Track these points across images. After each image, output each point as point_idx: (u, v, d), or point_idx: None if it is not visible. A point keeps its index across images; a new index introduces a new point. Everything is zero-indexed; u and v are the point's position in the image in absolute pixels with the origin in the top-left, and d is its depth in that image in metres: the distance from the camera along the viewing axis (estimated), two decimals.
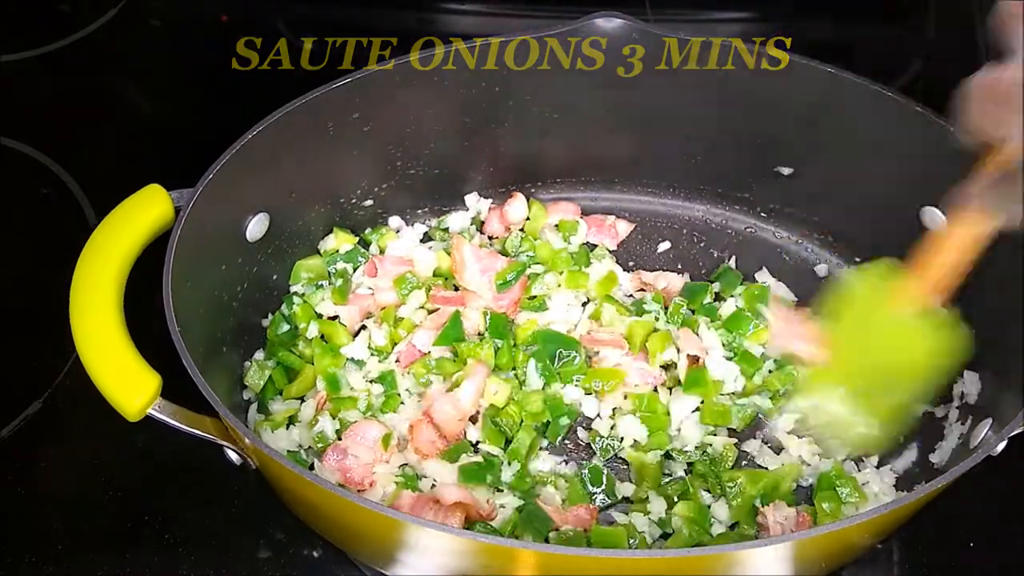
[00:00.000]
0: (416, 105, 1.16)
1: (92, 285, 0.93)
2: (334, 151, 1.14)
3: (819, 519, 1.02)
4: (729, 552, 0.82)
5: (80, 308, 0.92)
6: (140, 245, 0.98)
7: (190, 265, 0.97)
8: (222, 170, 1.02)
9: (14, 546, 1.05)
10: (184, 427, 0.92)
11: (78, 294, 0.93)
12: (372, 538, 0.92)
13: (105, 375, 0.89)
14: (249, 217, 1.09)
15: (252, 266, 1.12)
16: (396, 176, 1.22)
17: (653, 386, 1.13)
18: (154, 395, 0.89)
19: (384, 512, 0.82)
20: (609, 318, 1.16)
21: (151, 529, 1.06)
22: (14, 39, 1.52)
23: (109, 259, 0.95)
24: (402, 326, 1.16)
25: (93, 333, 0.91)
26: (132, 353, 0.90)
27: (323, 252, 1.20)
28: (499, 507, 1.03)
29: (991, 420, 0.98)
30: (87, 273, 0.94)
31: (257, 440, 0.87)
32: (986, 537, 1.05)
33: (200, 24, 1.58)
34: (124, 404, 0.89)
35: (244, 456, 0.96)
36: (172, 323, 0.91)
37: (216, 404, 0.88)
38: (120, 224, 0.98)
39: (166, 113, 1.49)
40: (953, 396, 1.08)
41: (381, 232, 1.23)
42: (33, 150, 1.37)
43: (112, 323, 0.91)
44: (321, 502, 0.89)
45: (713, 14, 1.53)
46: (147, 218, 0.99)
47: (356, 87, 1.11)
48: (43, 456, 1.11)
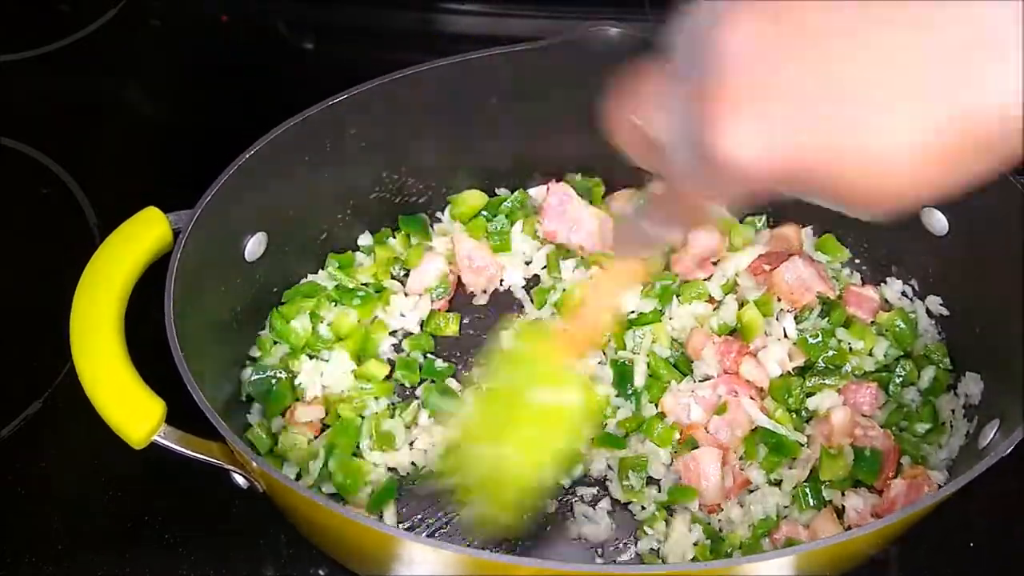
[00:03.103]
0: (413, 118, 1.16)
1: (93, 312, 0.92)
2: (332, 167, 1.14)
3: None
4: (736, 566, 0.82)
5: (81, 336, 0.91)
6: (139, 270, 0.97)
7: (190, 287, 0.97)
8: (220, 191, 1.01)
9: (14, 546, 1.05)
10: (190, 453, 0.92)
11: (79, 321, 0.92)
12: (387, 561, 0.91)
13: (109, 404, 0.88)
14: (247, 237, 1.09)
15: (251, 286, 1.12)
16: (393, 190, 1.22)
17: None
18: (159, 422, 0.89)
19: (400, 535, 0.82)
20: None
21: (151, 529, 1.06)
22: (14, 39, 1.51)
23: (109, 285, 0.94)
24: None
25: (95, 361, 0.90)
26: (135, 381, 0.90)
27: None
28: None
29: (998, 421, 0.98)
30: (87, 300, 0.93)
31: (265, 464, 0.86)
32: (986, 537, 1.05)
33: (200, 24, 1.58)
34: (129, 432, 0.88)
35: (251, 480, 0.95)
36: (176, 349, 0.91)
37: (223, 430, 0.88)
38: (118, 249, 0.97)
39: (166, 113, 1.49)
40: (959, 394, 1.09)
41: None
42: (33, 150, 1.37)
43: (114, 350, 0.90)
44: (333, 526, 0.89)
45: None
46: (146, 242, 0.98)
47: (352, 103, 1.10)
48: (43, 456, 1.11)
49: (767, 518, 1.02)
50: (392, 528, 0.83)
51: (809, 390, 1.08)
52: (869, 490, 1.04)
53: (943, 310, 1.15)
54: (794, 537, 1.00)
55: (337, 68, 1.48)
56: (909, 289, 1.18)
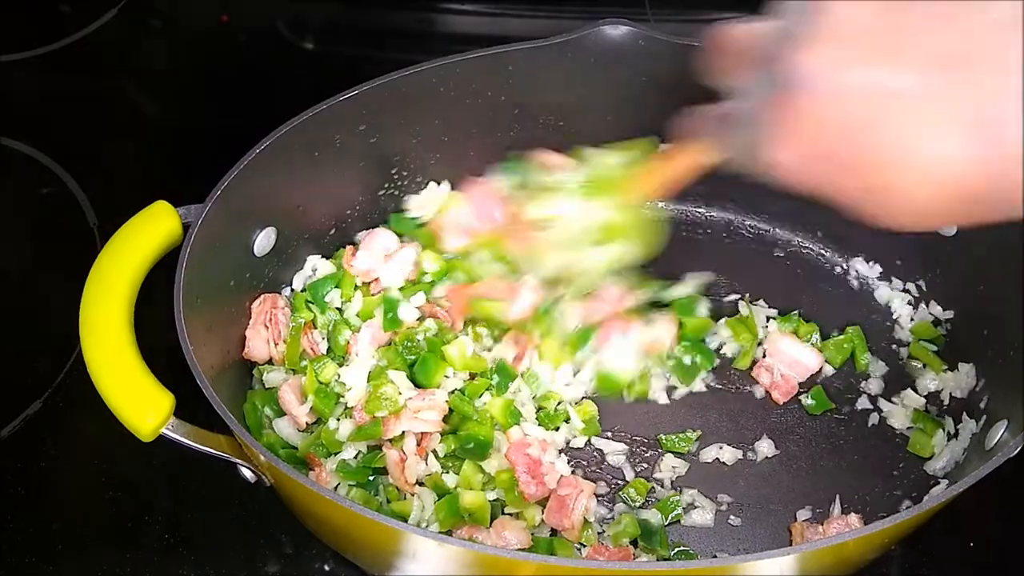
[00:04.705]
0: (421, 115, 1.16)
1: (102, 305, 0.92)
2: (341, 163, 1.14)
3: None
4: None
5: (91, 329, 0.91)
6: (149, 264, 0.97)
7: (199, 281, 0.97)
8: (230, 185, 1.02)
9: (14, 546, 1.05)
10: (198, 446, 0.91)
11: (88, 315, 0.92)
12: (394, 556, 0.91)
13: (118, 396, 0.88)
14: (256, 231, 1.09)
15: (260, 280, 1.12)
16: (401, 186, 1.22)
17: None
18: (167, 415, 0.89)
19: (407, 530, 0.81)
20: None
21: (151, 529, 1.06)
22: (14, 39, 1.52)
23: (118, 279, 0.94)
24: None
25: (105, 354, 0.90)
26: (145, 373, 0.90)
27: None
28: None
29: (1006, 422, 0.97)
30: (97, 294, 0.93)
31: (272, 457, 0.86)
32: (987, 538, 1.05)
33: (200, 24, 1.58)
34: (137, 425, 0.88)
35: (259, 473, 0.95)
36: (185, 344, 0.91)
37: (231, 422, 0.88)
38: (128, 242, 0.98)
39: (166, 113, 1.49)
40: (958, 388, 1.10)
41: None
42: (33, 150, 1.37)
43: (124, 343, 0.91)
44: (340, 520, 0.89)
45: (712, 14, 1.53)
46: (156, 236, 0.98)
47: (363, 99, 1.10)
48: (43, 456, 1.11)
49: None
50: (400, 523, 0.82)
51: None
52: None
53: (948, 312, 1.15)
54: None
55: (337, 68, 1.49)
56: (913, 288, 1.18)
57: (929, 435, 1.08)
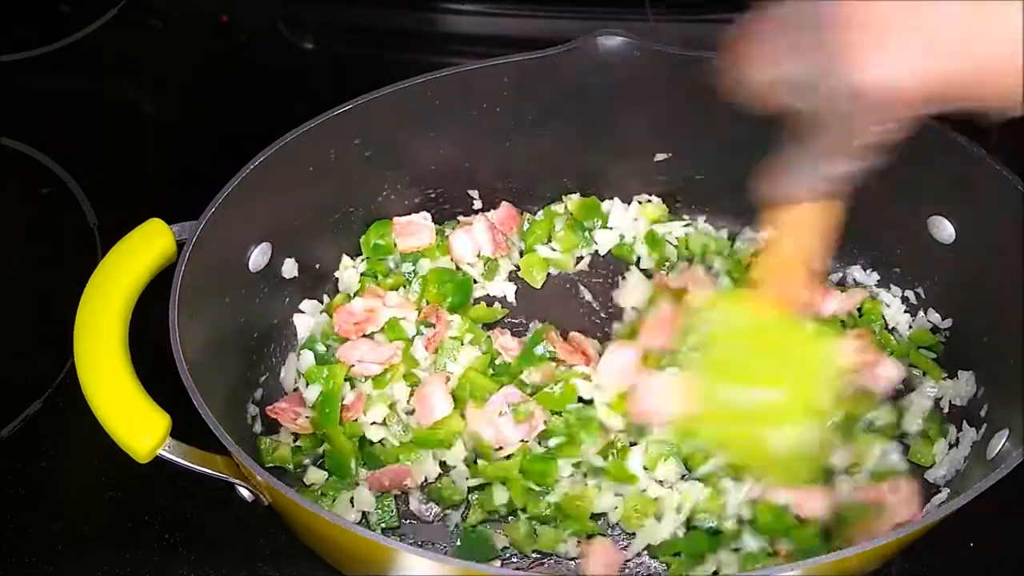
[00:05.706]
0: (416, 128, 1.16)
1: (96, 325, 0.92)
2: (336, 177, 1.13)
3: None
4: None
5: (85, 349, 0.91)
6: (143, 282, 0.96)
7: (194, 299, 0.96)
8: (224, 202, 1.01)
9: (14, 546, 1.05)
10: (195, 467, 0.91)
11: (82, 334, 0.91)
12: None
13: (114, 418, 0.88)
14: (252, 248, 1.09)
15: (255, 296, 1.11)
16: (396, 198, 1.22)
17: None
18: (164, 436, 0.88)
19: (409, 552, 0.81)
20: None
21: (151, 529, 1.06)
22: (14, 39, 1.51)
23: (112, 298, 0.94)
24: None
25: (99, 375, 0.89)
26: (140, 394, 0.89)
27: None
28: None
29: (1007, 431, 0.97)
30: (91, 313, 0.93)
31: (270, 478, 0.86)
32: (987, 538, 1.05)
33: (200, 24, 1.58)
34: (134, 446, 0.88)
35: (256, 493, 0.95)
36: (180, 362, 0.90)
37: (228, 444, 0.87)
38: (122, 261, 0.97)
39: (166, 113, 1.49)
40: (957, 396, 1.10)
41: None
42: (33, 150, 1.37)
43: (118, 364, 0.90)
44: (340, 541, 0.89)
45: (713, 14, 1.53)
46: (150, 254, 0.97)
47: (358, 112, 1.09)
48: (43, 456, 1.11)
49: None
50: (401, 544, 0.81)
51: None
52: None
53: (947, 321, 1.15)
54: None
55: (337, 68, 1.49)
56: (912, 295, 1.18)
57: (931, 442, 1.08)
